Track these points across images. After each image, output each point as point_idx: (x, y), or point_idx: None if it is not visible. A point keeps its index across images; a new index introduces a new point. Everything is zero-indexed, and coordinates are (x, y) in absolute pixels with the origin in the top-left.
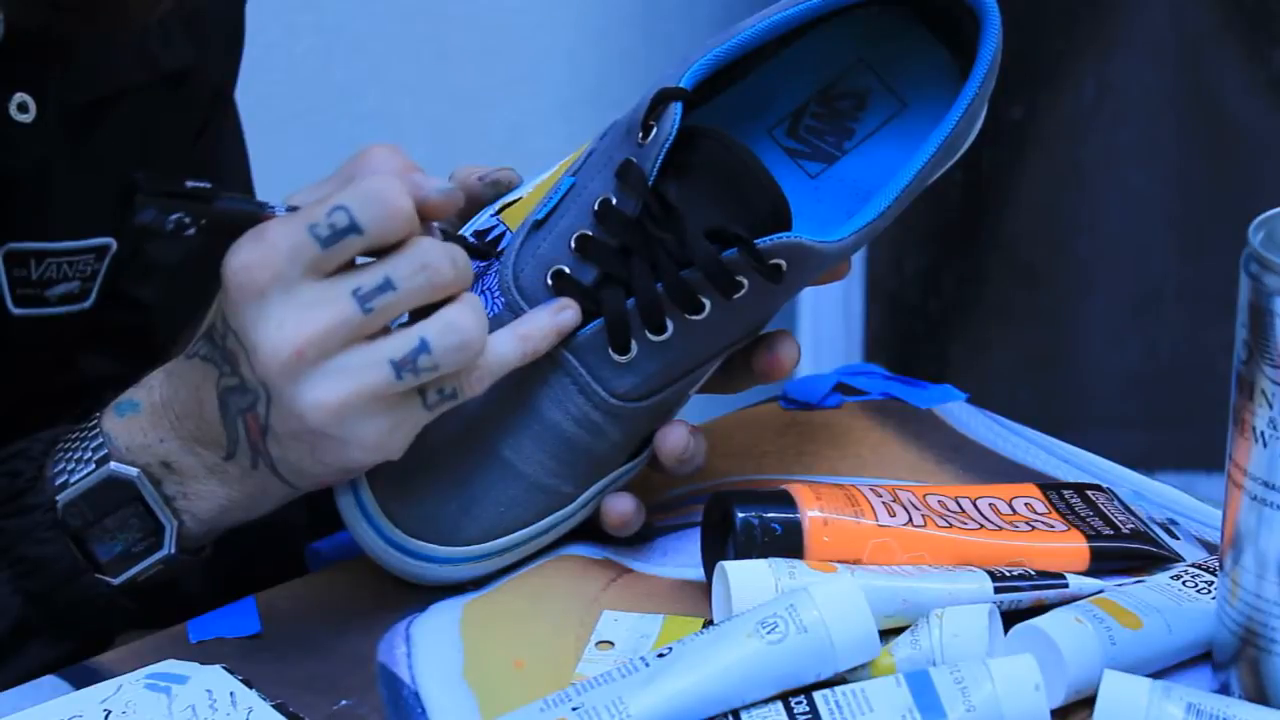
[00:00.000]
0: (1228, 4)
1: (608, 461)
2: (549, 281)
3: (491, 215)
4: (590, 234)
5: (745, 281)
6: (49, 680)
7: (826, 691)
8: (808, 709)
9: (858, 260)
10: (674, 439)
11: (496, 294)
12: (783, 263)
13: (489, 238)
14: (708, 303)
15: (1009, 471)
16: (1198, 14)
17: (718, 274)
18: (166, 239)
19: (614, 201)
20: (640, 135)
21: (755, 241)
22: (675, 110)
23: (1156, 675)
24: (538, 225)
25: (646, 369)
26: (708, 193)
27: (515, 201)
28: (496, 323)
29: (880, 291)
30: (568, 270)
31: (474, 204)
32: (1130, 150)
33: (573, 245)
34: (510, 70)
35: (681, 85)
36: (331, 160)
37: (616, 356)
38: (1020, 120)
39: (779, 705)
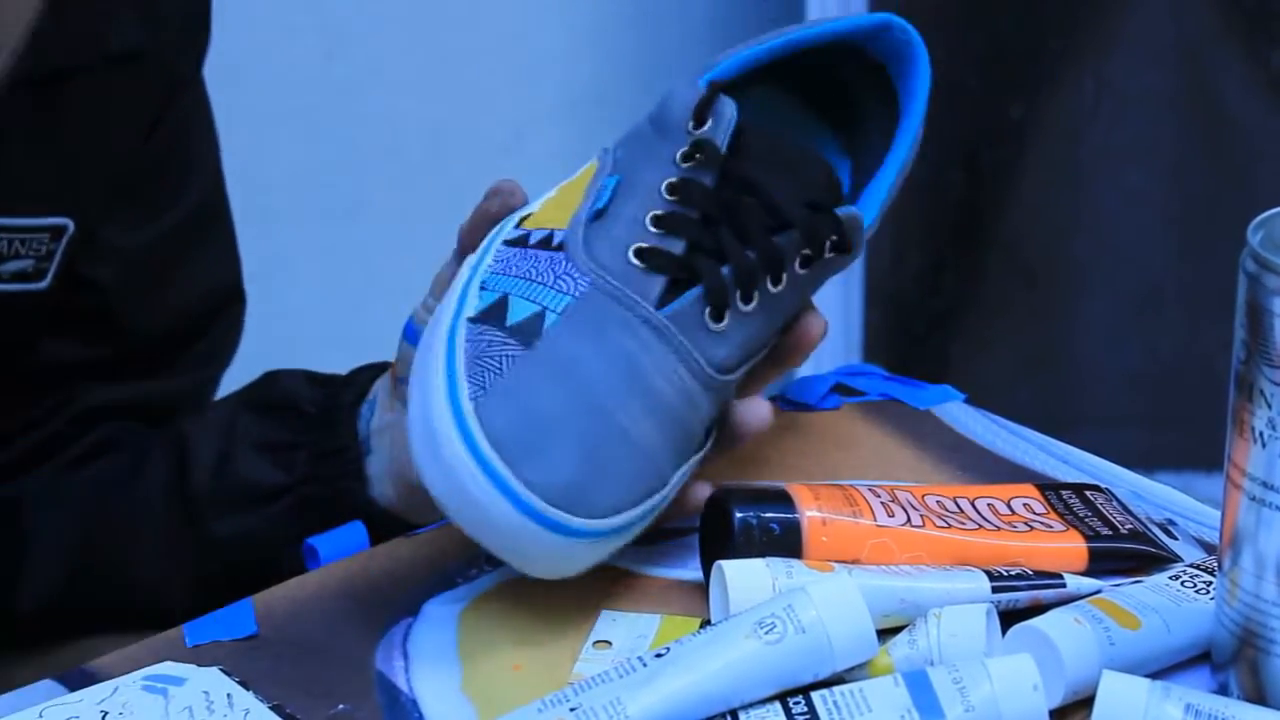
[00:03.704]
0: (1228, 4)
1: (693, 441)
2: (633, 259)
3: (515, 227)
4: (666, 212)
5: (828, 249)
6: (44, 684)
7: (825, 691)
8: (806, 709)
9: (857, 259)
10: (762, 411)
11: (577, 276)
12: (854, 235)
13: (533, 240)
14: (785, 274)
15: (1007, 472)
16: (1198, 14)
17: (812, 238)
18: None
19: (686, 177)
20: (692, 124)
21: (836, 210)
22: (728, 101)
23: (1155, 675)
24: (598, 214)
25: (737, 338)
26: (771, 169)
27: (530, 215)
28: (585, 302)
29: (879, 291)
30: (651, 246)
31: (486, 220)
32: (1130, 150)
33: (650, 223)
34: (510, 70)
35: (711, 80)
36: (332, 160)
37: (713, 325)
38: (1020, 120)
39: (777, 705)
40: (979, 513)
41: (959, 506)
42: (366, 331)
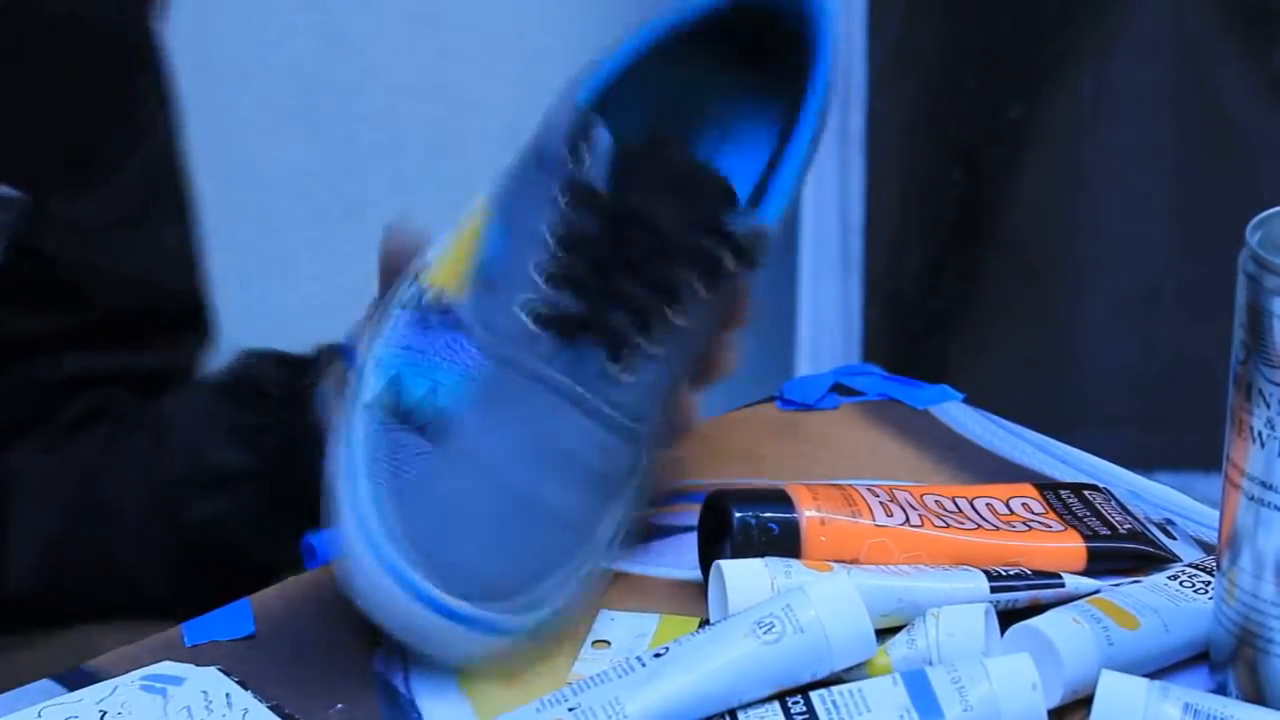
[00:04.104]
0: (1228, 4)
1: (617, 486)
2: (525, 320)
3: (410, 284)
4: (557, 264)
5: (730, 268)
6: (43, 683)
7: (823, 691)
8: (805, 709)
9: (856, 259)
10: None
11: (471, 348)
12: (755, 248)
13: (425, 303)
14: (688, 304)
15: (1006, 471)
16: (1198, 14)
17: (709, 262)
18: None
19: (571, 224)
20: (570, 161)
21: (733, 222)
22: (603, 130)
23: (1153, 675)
24: (487, 273)
25: (647, 379)
26: (658, 194)
27: (426, 270)
28: (483, 377)
29: (879, 291)
30: (545, 305)
31: (390, 266)
32: (1130, 150)
33: (539, 279)
34: (510, 70)
35: (584, 104)
36: (331, 160)
37: (617, 372)
38: (1020, 120)
39: (776, 705)
40: (978, 512)
41: (957, 506)
42: None
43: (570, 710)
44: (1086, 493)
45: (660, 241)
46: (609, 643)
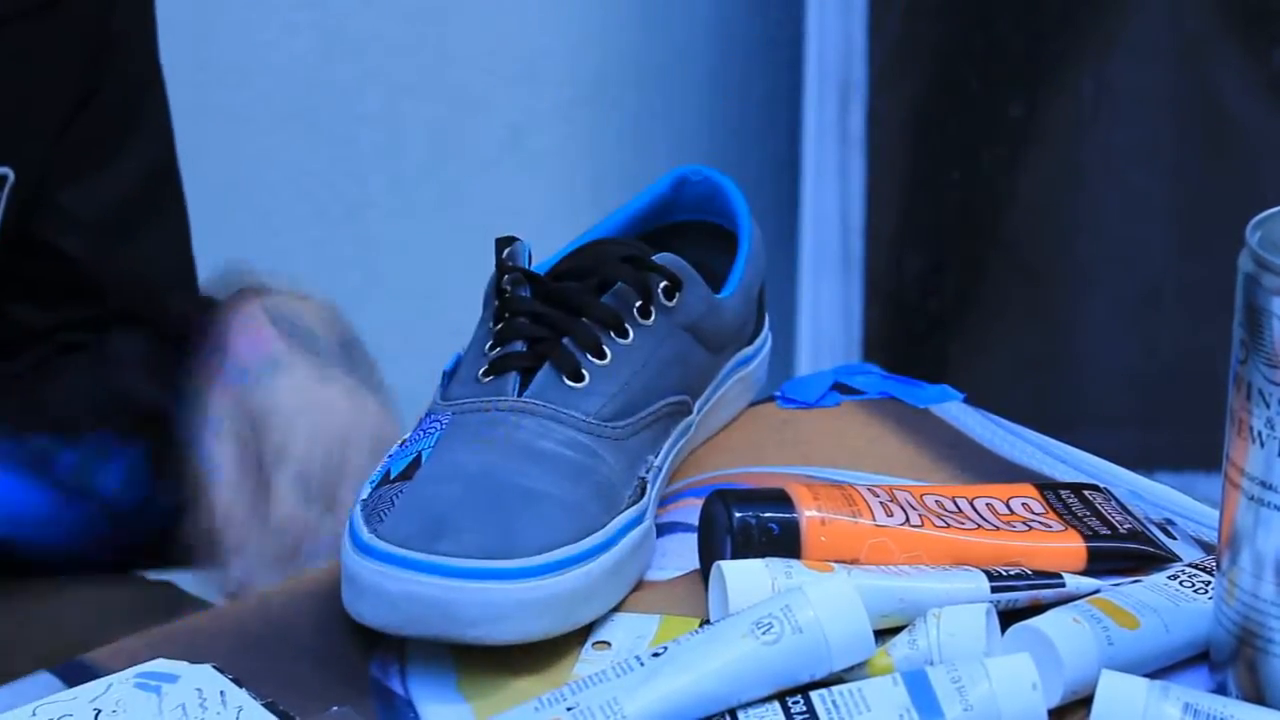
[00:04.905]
0: (1228, 4)
1: (617, 491)
2: (482, 379)
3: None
4: (498, 332)
5: (660, 294)
6: (42, 679)
7: (824, 691)
8: (805, 709)
9: (856, 259)
10: None
11: (440, 416)
12: (679, 280)
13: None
14: (628, 325)
15: (1006, 471)
16: (1198, 14)
17: (639, 287)
18: None
19: (507, 298)
20: (499, 279)
21: (652, 259)
22: (519, 241)
23: (1154, 675)
24: (448, 375)
25: (607, 388)
26: (574, 259)
27: None
28: (451, 428)
29: (879, 291)
30: (499, 359)
31: None
32: (1130, 150)
33: (488, 350)
34: (510, 70)
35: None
36: (331, 160)
37: (573, 384)
38: (1020, 120)
39: (776, 705)
40: (978, 512)
41: (958, 506)
42: (366, 331)
43: (569, 710)
44: (1086, 493)
45: (590, 278)
46: (609, 643)
